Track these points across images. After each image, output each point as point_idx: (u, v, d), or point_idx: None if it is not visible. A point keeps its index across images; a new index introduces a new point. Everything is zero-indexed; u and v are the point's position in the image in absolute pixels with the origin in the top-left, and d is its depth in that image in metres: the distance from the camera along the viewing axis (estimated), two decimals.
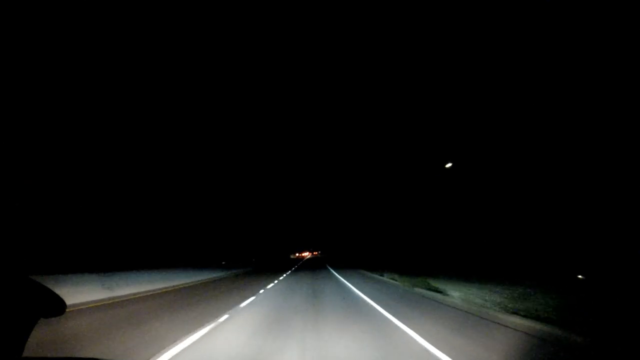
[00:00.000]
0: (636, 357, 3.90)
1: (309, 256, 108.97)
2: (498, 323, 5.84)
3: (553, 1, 35.59)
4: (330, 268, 31.27)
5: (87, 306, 8.52)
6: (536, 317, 5.85)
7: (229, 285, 14.97)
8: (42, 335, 5.09)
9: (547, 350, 4.24)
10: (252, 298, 10.23)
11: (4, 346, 0.83)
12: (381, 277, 18.19)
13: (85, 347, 4.66)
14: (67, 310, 3.17)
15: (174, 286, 14.34)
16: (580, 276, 14.01)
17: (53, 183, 22.64)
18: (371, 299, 9.60)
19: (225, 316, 7.14)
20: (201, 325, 6.20)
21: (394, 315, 6.93)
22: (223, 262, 34.36)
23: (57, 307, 0.96)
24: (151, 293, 11.80)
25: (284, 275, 22.08)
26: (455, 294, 9.47)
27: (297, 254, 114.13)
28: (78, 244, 21.45)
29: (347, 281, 16.21)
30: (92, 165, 27.15)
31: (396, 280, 15.28)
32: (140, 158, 34.30)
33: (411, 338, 5.05)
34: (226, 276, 21.61)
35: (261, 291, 12.21)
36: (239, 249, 53.41)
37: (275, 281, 16.85)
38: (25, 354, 0.95)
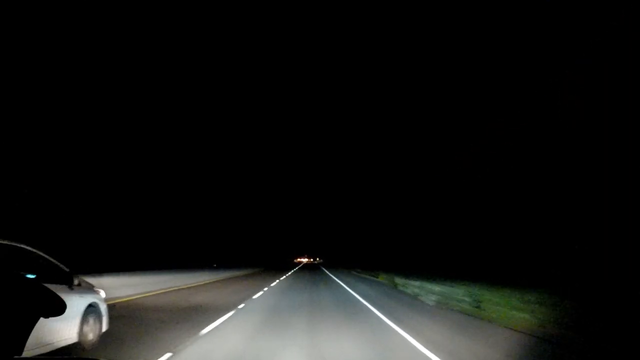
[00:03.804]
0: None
1: (305, 262, 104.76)
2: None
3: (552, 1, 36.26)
4: (323, 268, 43.39)
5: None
6: None
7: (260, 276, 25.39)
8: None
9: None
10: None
11: (4, 346, 0.88)
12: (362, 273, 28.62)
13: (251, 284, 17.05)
14: (210, 281, 15.27)
15: (234, 275, 24.65)
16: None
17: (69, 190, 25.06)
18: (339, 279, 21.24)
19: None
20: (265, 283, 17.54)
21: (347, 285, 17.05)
22: (240, 264, 40.60)
23: (57, 307, 1.01)
24: (223, 278, 20.94)
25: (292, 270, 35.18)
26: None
27: (298, 259, 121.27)
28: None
29: (335, 276, 25.51)
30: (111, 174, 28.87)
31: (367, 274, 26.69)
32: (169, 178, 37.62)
33: (351, 293, 13.01)
34: (251, 273, 30.52)
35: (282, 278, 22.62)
36: (251, 253, 62.83)
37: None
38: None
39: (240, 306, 8.96)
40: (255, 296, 11.29)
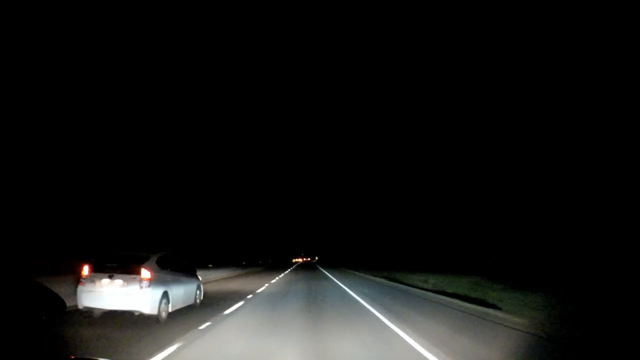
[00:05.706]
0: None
1: (302, 261, 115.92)
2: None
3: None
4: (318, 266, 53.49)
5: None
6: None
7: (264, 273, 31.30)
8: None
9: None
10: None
11: (4, 345, 1.01)
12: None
13: (261, 277, 24.47)
14: (228, 276, 22.03)
15: (243, 272, 29.35)
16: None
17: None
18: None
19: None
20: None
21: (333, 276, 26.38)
22: (243, 263, 45.39)
23: (57, 306, 1.21)
24: (236, 274, 26.24)
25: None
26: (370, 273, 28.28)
27: (295, 259, 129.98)
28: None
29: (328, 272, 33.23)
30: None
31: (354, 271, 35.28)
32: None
33: (335, 282, 20.63)
34: (255, 270, 34.94)
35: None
36: (251, 253, 68.25)
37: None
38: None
39: (258, 290, 14.54)
40: (265, 285, 16.90)
